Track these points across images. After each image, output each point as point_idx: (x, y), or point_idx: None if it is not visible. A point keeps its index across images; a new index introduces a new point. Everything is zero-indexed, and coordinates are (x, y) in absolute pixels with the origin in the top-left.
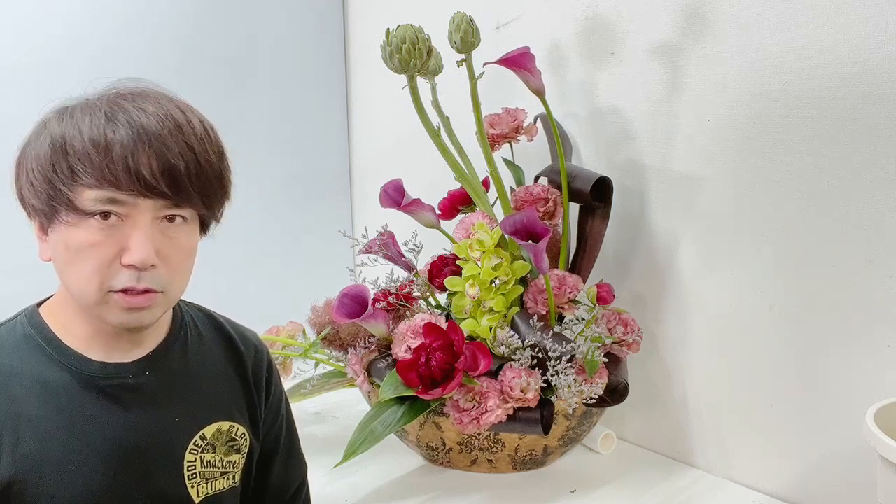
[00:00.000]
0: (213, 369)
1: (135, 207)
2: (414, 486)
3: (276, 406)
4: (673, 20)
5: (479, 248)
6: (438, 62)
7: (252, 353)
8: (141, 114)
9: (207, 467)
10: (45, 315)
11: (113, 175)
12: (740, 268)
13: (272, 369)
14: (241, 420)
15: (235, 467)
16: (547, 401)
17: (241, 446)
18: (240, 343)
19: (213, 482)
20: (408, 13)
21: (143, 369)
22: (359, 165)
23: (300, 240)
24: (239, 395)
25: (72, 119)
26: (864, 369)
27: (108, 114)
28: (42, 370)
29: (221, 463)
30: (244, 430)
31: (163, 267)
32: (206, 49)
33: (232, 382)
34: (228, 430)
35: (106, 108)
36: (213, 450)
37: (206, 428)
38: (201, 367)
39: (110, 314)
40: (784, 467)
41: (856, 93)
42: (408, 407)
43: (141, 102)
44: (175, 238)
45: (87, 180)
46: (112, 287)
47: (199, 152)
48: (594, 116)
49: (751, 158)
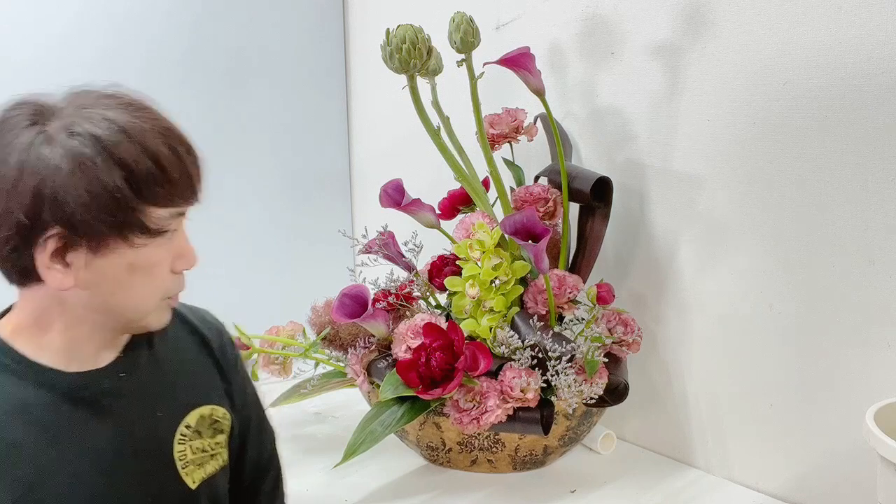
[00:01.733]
0: (182, 358)
1: (184, 216)
2: (414, 486)
3: (242, 381)
4: (673, 20)
5: (479, 248)
6: (438, 62)
7: (215, 333)
8: (166, 123)
9: (198, 453)
10: (9, 336)
11: (182, 188)
12: (740, 268)
13: (234, 343)
14: (219, 401)
15: (222, 447)
16: (547, 401)
17: (223, 426)
18: (201, 326)
19: (205, 466)
20: (408, 13)
21: (117, 372)
22: (359, 165)
23: (300, 240)
24: (212, 376)
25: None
26: (864, 369)
27: (152, 129)
28: (18, 392)
29: (210, 446)
30: (224, 409)
31: None
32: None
33: (203, 366)
34: (210, 414)
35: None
36: (200, 435)
37: (189, 416)
38: (171, 358)
39: (155, 320)
40: (784, 467)
41: (856, 93)
42: (408, 407)
43: (154, 113)
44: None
45: (159, 200)
46: (168, 295)
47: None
48: (594, 116)
49: (751, 158)
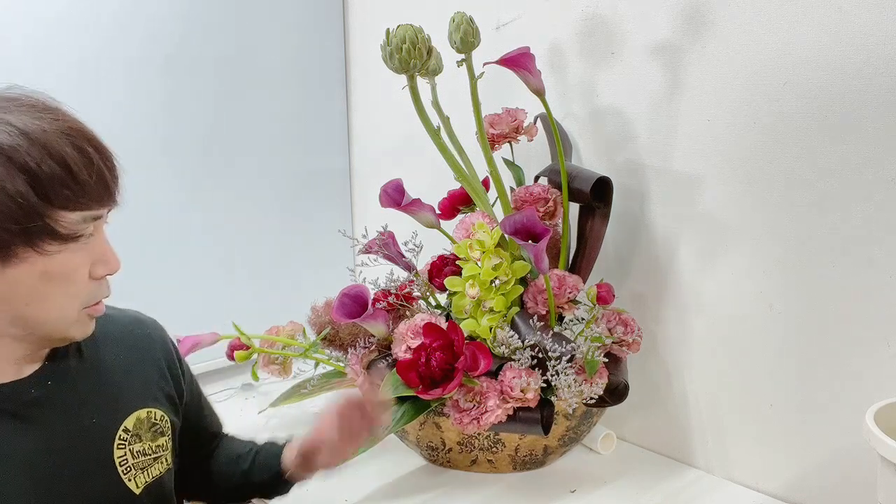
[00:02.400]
0: (117, 361)
1: (101, 220)
2: (414, 486)
3: (188, 376)
4: (673, 20)
5: (479, 248)
6: (438, 62)
7: (152, 334)
8: (74, 123)
9: (139, 457)
10: None
11: (95, 191)
12: (740, 268)
13: (173, 343)
14: (157, 404)
15: (164, 450)
16: (547, 401)
17: (164, 428)
18: (136, 328)
19: (148, 470)
20: (408, 13)
21: (43, 380)
22: (359, 165)
23: (300, 240)
24: (150, 378)
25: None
26: (864, 369)
27: (57, 130)
28: None
29: (151, 449)
30: (162, 412)
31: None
32: (206, 49)
33: (141, 367)
34: (148, 416)
35: (50, 125)
36: (140, 439)
37: (127, 420)
38: (104, 361)
39: (77, 329)
40: (784, 467)
41: (855, 92)
42: (408, 407)
43: (59, 113)
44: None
45: (69, 203)
46: (88, 303)
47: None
48: (594, 116)
49: (751, 158)
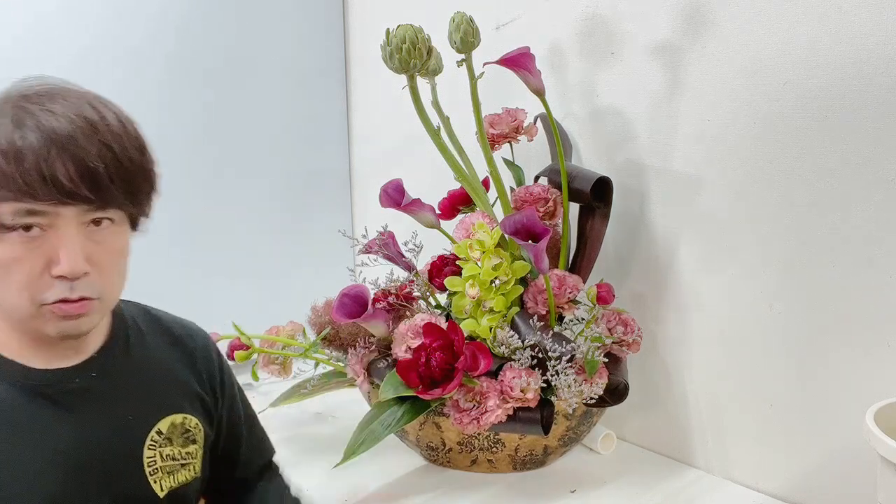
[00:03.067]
0: (160, 365)
1: (57, 216)
2: (414, 486)
3: (230, 390)
4: (673, 20)
5: (479, 248)
6: (438, 62)
7: (199, 346)
8: (50, 116)
9: (167, 461)
10: None
11: (28, 185)
12: (740, 268)
13: (220, 356)
14: (192, 411)
15: (194, 458)
16: (547, 401)
17: (196, 436)
18: (185, 337)
19: (174, 475)
20: (408, 13)
21: (88, 371)
22: (359, 165)
23: (300, 240)
24: (189, 387)
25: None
26: (864, 369)
27: (15, 119)
28: None
29: (180, 455)
30: (197, 420)
31: (95, 273)
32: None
33: (182, 376)
34: (182, 423)
35: (11, 113)
36: (171, 443)
37: (161, 422)
38: (149, 363)
39: (47, 326)
40: (784, 467)
41: (856, 93)
42: (408, 407)
43: (48, 104)
44: (104, 242)
45: (1, 193)
46: (44, 300)
47: (118, 150)
48: (594, 116)
49: (751, 158)
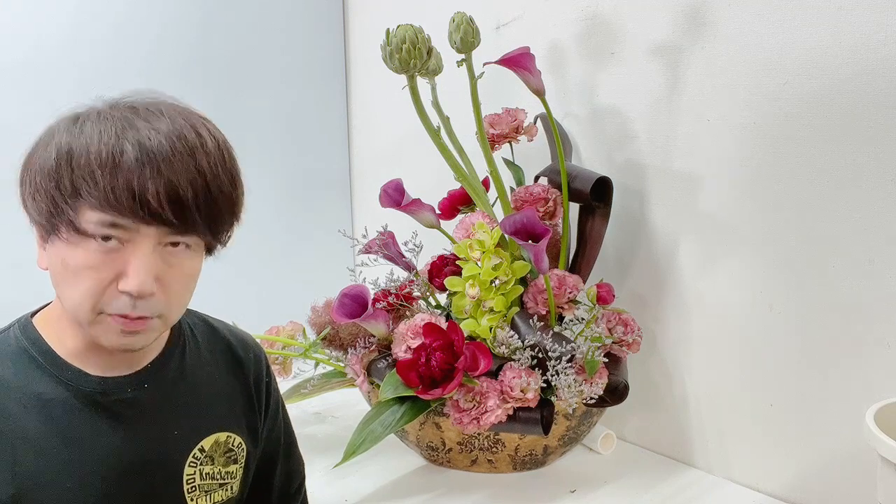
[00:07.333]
0: (212, 379)
1: (137, 233)
2: (414, 486)
3: (274, 409)
4: (673, 20)
5: (479, 248)
6: (438, 62)
7: (252, 359)
8: (152, 134)
9: (206, 479)
10: (40, 326)
11: (117, 199)
12: (740, 268)
13: (270, 373)
14: (238, 430)
15: (233, 478)
16: (547, 401)
17: (238, 456)
18: (239, 349)
19: (211, 494)
20: (408, 13)
21: (141, 382)
22: (359, 165)
23: (300, 240)
24: (238, 403)
25: (81, 132)
26: (864, 369)
27: (119, 131)
28: (38, 385)
29: (220, 474)
30: (241, 439)
31: (161, 293)
32: (206, 49)
33: (232, 390)
34: (226, 441)
35: (117, 122)
36: (212, 461)
37: (205, 440)
38: (200, 377)
39: (103, 336)
40: (784, 467)
41: (856, 93)
42: (408, 407)
43: (154, 121)
44: (177, 265)
45: (90, 201)
46: (105, 310)
47: (210, 179)
48: (594, 116)
49: (751, 158)
